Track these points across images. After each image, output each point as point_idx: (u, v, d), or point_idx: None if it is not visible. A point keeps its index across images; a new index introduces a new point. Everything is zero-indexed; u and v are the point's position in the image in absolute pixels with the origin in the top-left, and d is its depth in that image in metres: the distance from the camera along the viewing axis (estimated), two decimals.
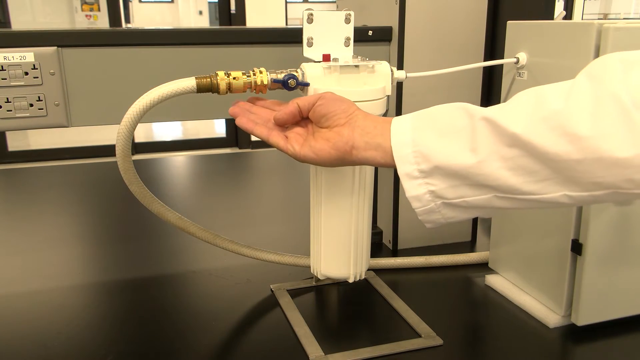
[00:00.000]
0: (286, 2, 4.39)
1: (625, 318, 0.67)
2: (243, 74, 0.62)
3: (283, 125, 0.58)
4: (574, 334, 0.66)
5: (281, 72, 0.63)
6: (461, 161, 0.46)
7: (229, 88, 0.61)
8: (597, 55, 0.59)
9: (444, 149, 0.46)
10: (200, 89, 0.61)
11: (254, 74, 0.62)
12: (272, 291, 0.76)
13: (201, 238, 0.74)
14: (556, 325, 0.67)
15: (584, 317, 0.65)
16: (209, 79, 0.61)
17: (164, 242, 0.95)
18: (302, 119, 0.57)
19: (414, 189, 0.48)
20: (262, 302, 0.74)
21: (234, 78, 0.61)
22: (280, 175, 1.42)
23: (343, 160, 0.53)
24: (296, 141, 0.55)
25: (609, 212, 0.62)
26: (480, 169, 0.45)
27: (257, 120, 0.59)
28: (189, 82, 0.61)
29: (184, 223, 0.72)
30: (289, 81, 0.62)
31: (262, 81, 0.62)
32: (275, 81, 0.62)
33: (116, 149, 0.62)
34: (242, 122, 0.58)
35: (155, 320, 0.70)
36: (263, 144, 0.59)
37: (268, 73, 0.62)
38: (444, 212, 0.49)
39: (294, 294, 0.75)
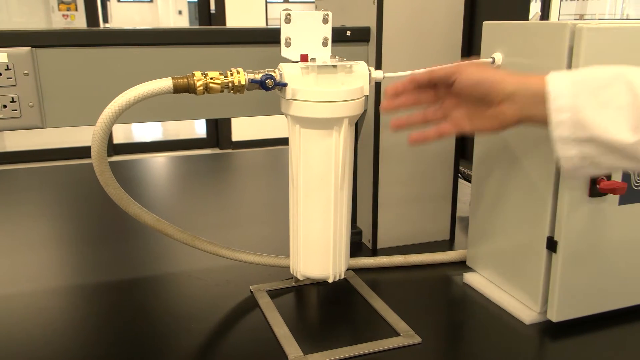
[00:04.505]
0: (266, 2, 4.38)
1: (600, 314, 0.69)
2: (220, 74, 0.62)
3: (395, 94, 0.64)
4: (549, 330, 0.67)
5: (259, 72, 0.63)
6: (620, 137, 0.48)
7: (206, 88, 0.61)
8: (570, 55, 0.60)
9: (603, 122, 0.49)
10: (177, 90, 0.61)
11: (232, 74, 0.62)
12: (251, 292, 0.76)
13: (179, 240, 0.73)
14: (532, 322, 0.68)
15: (560, 313, 0.66)
16: (185, 80, 0.61)
17: (144, 244, 0.94)
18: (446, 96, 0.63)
19: (566, 151, 0.51)
20: (242, 303, 0.74)
21: (211, 78, 0.61)
22: (261, 176, 1.42)
23: (507, 128, 0.58)
24: (463, 122, 0.61)
25: (583, 210, 0.63)
26: (637, 148, 0.48)
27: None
28: (166, 83, 0.60)
29: (162, 225, 0.72)
30: (266, 81, 0.62)
31: (239, 81, 0.61)
32: (252, 81, 0.62)
33: (92, 150, 0.61)
34: (414, 137, 0.64)
35: (135, 323, 0.70)
36: (244, 144, 0.59)
37: (245, 73, 0.62)
38: (589, 170, 0.52)
39: (274, 294, 0.75)
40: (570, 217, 0.63)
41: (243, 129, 4.39)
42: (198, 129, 5.08)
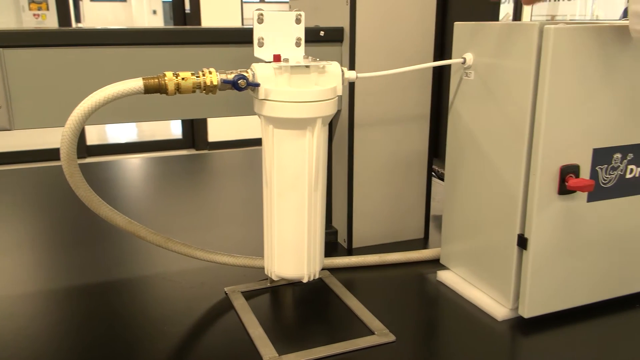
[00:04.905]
0: (242, 2, 4.36)
1: (570, 309, 0.70)
2: (192, 74, 0.61)
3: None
4: (521, 326, 0.68)
5: (231, 73, 0.62)
6: None
7: (178, 89, 0.61)
8: (539, 54, 0.61)
9: None
10: (148, 90, 0.60)
11: (203, 75, 0.61)
12: (226, 294, 0.75)
13: (152, 242, 0.73)
14: (504, 318, 0.69)
15: (531, 309, 0.67)
16: (156, 80, 0.60)
17: (117, 247, 0.92)
18: None
19: (638, 24, 0.56)
20: (216, 305, 0.73)
21: (183, 79, 0.61)
22: (237, 177, 1.41)
23: None
24: None
25: (552, 207, 0.65)
26: None
27: None
28: (136, 83, 0.60)
29: (134, 227, 0.71)
30: (239, 82, 0.61)
31: (211, 82, 0.61)
32: (225, 82, 0.62)
33: (61, 152, 0.60)
34: None
35: (108, 327, 0.69)
36: (220, 145, 0.59)
37: (218, 73, 0.62)
38: None
39: (249, 295, 0.75)
40: (540, 214, 0.64)
41: (219, 129, 4.36)
42: (174, 129, 5.02)
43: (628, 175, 0.68)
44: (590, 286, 0.70)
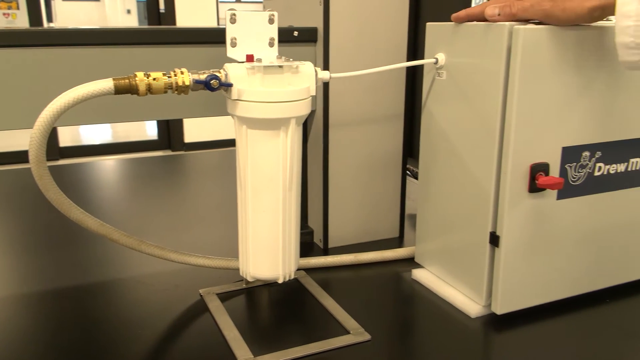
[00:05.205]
0: (217, 2, 4.33)
1: (542, 305, 0.71)
2: (164, 74, 0.61)
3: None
4: (494, 322, 0.69)
5: (203, 73, 0.62)
6: None
7: (149, 89, 0.60)
8: (509, 54, 0.62)
9: None
10: (119, 91, 0.59)
11: (175, 75, 0.61)
12: (201, 296, 0.75)
13: (125, 245, 0.72)
14: (478, 315, 0.70)
15: (503, 306, 0.68)
16: (127, 80, 0.59)
17: (90, 250, 0.91)
18: None
19: (627, 56, 0.56)
20: (191, 307, 0.73)
21: (154, 79, 0.60)
22: (214, 177, 1.40)
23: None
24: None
25: (523, 205, 0.66)
26: None
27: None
28: (106, 84, 0.59)
29: (107, 230, 0.70)
30: (211, 82, 0.61)
31: (183, 82, 0.61)
32: (197, 82, 0.61)
33: (29, 154, 0.59)
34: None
35: (82, 331, 0.67)
36: (197, 145, 0.59)
37: (190, 74, 0.61)
38: None
39: (224, 297, 0.74)
40: (511, 212, 0.65)
41: (196, 130, 4.32)
42: (149, 130, 4.97)
43: (596, 173, 0.69)
44: (561, 282, 0.72)
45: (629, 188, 0.72)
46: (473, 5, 0.87)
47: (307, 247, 0.91)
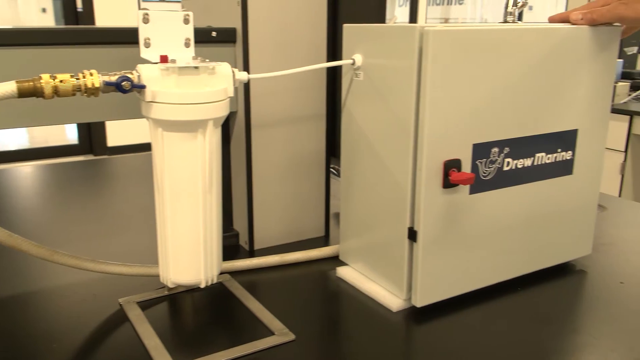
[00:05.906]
0: (139, 1, 4.20)
1: (459, 296, 0.74)
2: (72, 76, 0.58)
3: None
4: (415, 315, 0.71)
5: (115, 74, 0.60)
6: None
7: (56, 92, 0.57)
8: (420, 55, 0.64)
9: None
10: (23, 94, 0.56)
11: (84, 77, 0.58)
12: (120, 305, 0.72)
13: (36, 255, 0.68)
14: (399, 309, 0.72)
15: (422, 298, 0.71)
16: (31, 83, 0.56)
17: (0, 262, 0.86)
18: None
19: None
20: (110, 318, 0.70)
21: (61, 81, 0.57)
22: (138, 182, 1.36)
23: None
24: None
25: (438, 200, 0.68)
26: None
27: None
28: (9, 87, 0.56)
29: (15, 240, 0.66)
30: (122, 83, 0.59)
31: (92, 84, 0.58)
32: (107, 84, 0.59)
33: None
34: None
35: None
36: (120, 149, 0.57)
37: (100, 75, 0.59)
38: None
39: (145, 306, 0.72)
40: (427, 208, 0.67)
41: (119, 133, 4.17)
42: (69, 134, 4.74)
43: (505, 168, 0.73)
44: (477, 273, 0.75)
45: (536, 181, 0.77)
46: (387, 7, 0.90)
47: (232, 249, 0.91)
